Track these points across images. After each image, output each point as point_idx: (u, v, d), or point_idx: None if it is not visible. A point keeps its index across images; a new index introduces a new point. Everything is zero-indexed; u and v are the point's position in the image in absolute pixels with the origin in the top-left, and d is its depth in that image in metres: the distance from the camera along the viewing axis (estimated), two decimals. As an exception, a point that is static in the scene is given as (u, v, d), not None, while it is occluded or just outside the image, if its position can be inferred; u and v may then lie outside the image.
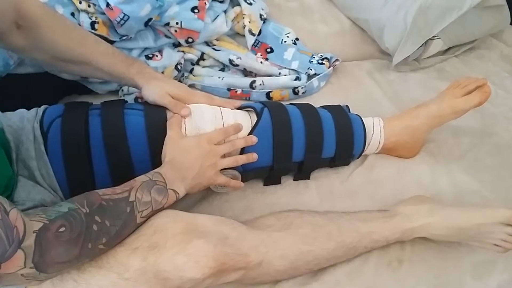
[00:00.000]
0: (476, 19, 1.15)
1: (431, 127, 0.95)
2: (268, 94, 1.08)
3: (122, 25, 0.95)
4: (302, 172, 0.91)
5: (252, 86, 1.07)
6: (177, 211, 0.66)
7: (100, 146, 0.74)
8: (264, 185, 0.91)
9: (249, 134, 0.80)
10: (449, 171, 0.97)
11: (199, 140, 0.74)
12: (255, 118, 0.83)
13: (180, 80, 1.08)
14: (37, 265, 0.49)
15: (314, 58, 1.14)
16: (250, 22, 1.13)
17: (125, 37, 1.00)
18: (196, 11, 1.03)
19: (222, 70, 1.13)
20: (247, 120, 0.82)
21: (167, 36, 1.06)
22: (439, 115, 0.93)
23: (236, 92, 1.07)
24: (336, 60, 1.14)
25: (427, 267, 0.82)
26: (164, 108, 0.79)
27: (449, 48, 1.23)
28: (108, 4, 0.94)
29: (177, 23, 1.02)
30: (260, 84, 1.07)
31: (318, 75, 1.10)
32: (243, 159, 0.78)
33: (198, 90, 1.06)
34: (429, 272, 0.82)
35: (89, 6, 0.96)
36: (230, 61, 1.09)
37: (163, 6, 0.99)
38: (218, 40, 1.13)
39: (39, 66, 0.93)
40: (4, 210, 0.47)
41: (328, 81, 1.15)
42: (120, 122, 0.75)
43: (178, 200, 0.69)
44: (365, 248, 0.79)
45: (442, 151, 1.01)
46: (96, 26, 0.96)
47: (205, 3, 1.04)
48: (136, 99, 1.00)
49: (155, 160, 0.74)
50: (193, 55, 1.09)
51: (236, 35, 1.18)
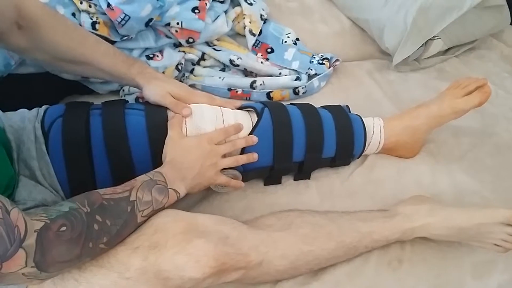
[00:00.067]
0: (476, 19, 1.15)
1: (431, 127, 0.95)
2: (268, 94, 1.08)
3: (123, 25, 0.95)
4: (303, 172, 0.91)
5: (252, 86, 1.08)
6: (177, 211, 0.66)
7: (101, 146, 0.74)
8: (265, 185, 0.92)
9: (249, 134, 0.80)
10: (449, 171, 0.97)
11: (199, 140, 0.74)
12: (255, 118, 0.83)
13: (181, 80, 1.08)
14: (38, 264, 0.49)
15: (315, 58, 1.14)
16: (250, 22, 1.13)
17: (126, 37, 1.00)
18: (196, 11, 1.03)
19: (223, 70, 1.13)
20: (247, 120, 0.83)
21: (167, 36, 1.06)
22: (439, 115, 0.93)
23: (237, 92, 1.07)
24: (337, 60, 1.14)
25: (427, 267, 0.82)
26: (165, 108, 0.79)
27: (449, 48, 1.23)
28: (109, 5, 0.94)
29: (177, 23, 1.02)
30: (261, 84, 1.08)
31: (319, 75, 1.10)
32: (243, 159, 0.78)
33: (199, 90, 1.06)
34: (429, 272, 0.82)
35: (90, 7, 0.96)
36: (231, 61, 1.09)
37: (164, 6, 0.99)
38: (218, 40, 1.13)
39: (40, 66, 0.93)
40: (5, 210, 0.47)
41: (329, 81, 1.15)
42: (121, 122, 0.75)
43: (178, 199, 0.69)
44: (365, 248, 0.79)
45: (442, 151, 1.01)
46: (97, 26, 0.96)
47: (205, 3, 1.04)
48: (137, 99, 1.00)
49: (156, 160, 0.74)
50: (193, 55, 1.09)
51: (236, 35, 1.18)
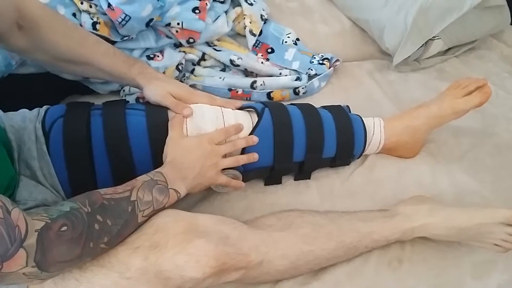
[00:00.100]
0: (477, 19, 1.15)
1: (432, 128, 0.95)
2: (269, 94, 1.08)
3: (123, 25, 0.95)
4: (303, 172, 0.91)
5: (253, 86, 1.08)
6: (178, 211, 0.66)
7: (102, 146, 0.74)
8: (265, 185, 0.92)
9: (250, 134, 0.80)
10: (449, 171, 0.97)
11: (200, 140, 0.74)
12: (256, 118, 0.83)
13: (181, 80, 1.08)
14: (39, 264, 0.49)
15: (315, 58, 1.14)
16: (251, 23, 1.13)
17: (126, 37, 1.00)
18: (197, 11, 1.03)
19: (223, 70, 1.13)
20: (248, 120, 0.83)
21: (168, 37, 1.06)
22: (439, 115, 0.93)
23: (237, 92, 1.07)
24: (337, 60, 1.14)
25: (427, 267, 0.82)
26: (166, 108, 0.79)
27: (449, 49, 1.23)
28: (109, 5, 0.95)
29: (178, 24, 1.02)
30: (261, 85, 1.08)
31: (319, 75, 1.10)
32: (244, 159, 0.78)
33: (199, 90, 1.07)
34: (429, 272, 0.82)
35: (90, 7, 0.96)
36: (231, 61, 1.09)
37: (164, 6, 0.99)
38: (219, 41, 1.13)
39: (40, 66, 0.93)
40: (6, 209, 0.47)
41: (329, 81, 1.15)
42: (122, 122, 0.76)
43: (179, 199, 0.70)
44: (365, 248, 0.79)
45: (442, 151, 1.01)
46: (97, 26, 0.96)
47: (206, 3, 1.05)
48: (137, 99, 1.00)
49: (157, 160, 0.74)
50: (194, 55, 1.09)
51: (237, 35, 1.18)
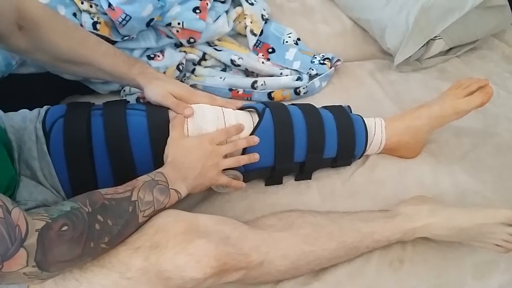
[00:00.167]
0: (478, 19, 1.14)
1: (433, 128, 0.95)
2: (269, 94, 1.08)
3: (124, 25, 0.95)
4: (304, 172, 0.91)
5: (253, 86, 1.07)
6: (178, 211, 0.66)
7: (102, 147, 0.74)
8: (266, 185, 0.92)
9: (250, 135, 0.80)
10: (450, 172, 0.97)
11: (201, 140, 0.74)
12: (256, 119, 0.83)
13: (182, 80, 1.08)
14: (39, 263, 0.49)
15: (316, 58, 1.14)
16: (251, 23, 1.13)
17: (127, 37, 1.00)
18: (197, 11, 1.03)
19: (224, 70, 1.13)
20: (248, 120, 0.83)
21: (168, 37, 1.06)
22: (441, 115, 0.93)
23: (238, 92, 1.07)
24: (338, 60, 1.14)
25: (428, 267, 0.82)
26: (166, 108, 0.79)
27: (450, 48, 1.23)
28: (110, 5, 0.95)
29: (178, 24, 1.02)
30: (262, 84, 1.07)
31: (320, 75, 1.10)
32: (245, 159, 0.78)
33: (200, 90, 1.06)
34: (430, 272, 0.82)
35: (91, 7, 0.96)
36: (232, 61, 1.09)
37: (165, 6, 0.99)
38: (219, 40, 1.13)
39: (41, 66, 0.93)
40: (6, 209, 0.47)
41: (330, 81, 1.15)
42: (122, 123, 0.75)
43: (180, 200, 0.70)
44: (366, 248, 0.79)
45: (443, 152, 1.01)
46: (98, 26, 0.96)
47: (206, 3, 1.04)
48: (138, 99, 1.00)
49: (157, 161, 0.74)
50: (194, 55, 1.09)
51: (237, 35, 1.18)
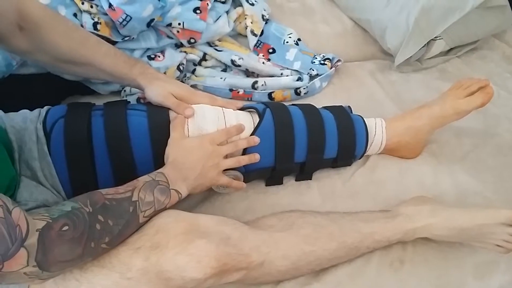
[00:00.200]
0: (479, 19, 1.14)
1: (433, 128, 0.95)
2: (270, 95, 1.08)
3: (124, 26, 0.95)
4: (304, 173, 0.91)
5: (254, 86, 1.08)
6: (179, 211, 0.66)
7: (103, 147, 0.74)
8: (266, 185, 0.91)
9: (251, 135, 0.80)
10: (451, 172, 0.96)
11: (201, 141, 0.74)
12: (257, 119, 0.83)
13: (182, 81, 1.08)
14: (40, 263, 0.49)
15: (316, 58, 1.14)
16: (252, 23, 1.13)
17: (127, 37, 1.00)
18: (198, 11, 1.03)
19: (224, 70, 1.13)
20: (249, 120, 0.83)
21: (169, 37, 1.06)
22: (441, 116, 0.92)
23: (238, 92, 1.07)
24: (338, 60, 1.14)
25: (428, 268, 0.82)
26: (167, 108, 0.79)
27: (451, 49, 1.23)
28: (110, 5, 0.95)
29: (179, 24, 1.02)
30: (262, 85, 1.07)
31: (320, 75, 1.10)
32: (245, 160, 0.78)
33: (200, 90, 1.06)
34: (430, 272, 0.82)
35: (91, 7, 0.96)
36: (232, 61, 1.09)
37: (165, 6, 0.99)
38: (220, 41, 1.13)
39: (41, 67, 0.93)
40: (7, 209, 0.47)
41: (330, 81, 1.15)
42: (123, 123, 0.76)
43: (180, 200, 0.70)
44: (367, 249, 0.79)
45: (444, 152, 1.01)
46: (98, 27, 0.96)
47: (207, 3, 1.05)
48: (138, 100, 1.00)
49: (158, 161, 0.74)
50: (195, 55, 1.09)
51: (238, 35, 1.18)
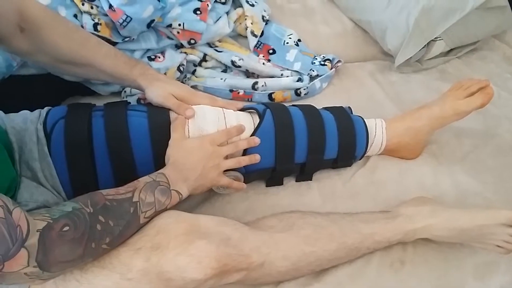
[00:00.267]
0: (479, 20, 1.14)
1: (433, 129, 0.95)
2: (270, 95, 1.08)
3: (124, 26, 0.95)
4: (304, 174, 0.91)
5: (254, 87, 1.08)
6: (179, 212, 0.66)
7: (103, 148, 0.74)
8: (266, 186, 0.91)
9: (251, 136, 0.80)
10: (451, 173, 0.96)
11: (202, 142, 0.74)
12: (257, 120, 0.83)
13: (182, 82, 1.08)
14: (40, 264, 0.49)
15: (316, 59, 1.14)
16: (252, 24, 1.13)
17: (127, 38, 1.00)
18: (198, 12, 1.03)
19: (224, 71, 1.13)
20: (249, 121, 0.83)
21: (169, 38, 1.06)
22: (441, 116, 0.92)
23: (238, 93, 1.07)
24: (338, 61, 1.14)
25: (429, 268, 0.82)
26: (167, 109, 0.79)
27: (451, 49, 1.23)
28: (110, 6, 0.95)
29: (179, 25, 1.02)
30: (262, 85, 1.08)
31: (320, 76, 1.10)
32: (245, 160, 0.78)
33: (201, 91, 1.06)
34: (431, 273, 0.82)
35: (91, 8, 0.96)
36: (232, 62, 1.09)
37: (166, 7, 0.99)
38: (220, 42, 1.13)
39: (41, 68, 0.93)
40: (7, 209, 0.47)
41: (330, 82, 1.15)
42: (123, 124, 0.76)
43: (181, 201, 0.70)
44: (367, 249, 0.79)
45: (444, 153, 1.01)
46: (98, 27, 0.96)
47: (207, 4, 1.05)
48: (138, 101, 1.00)
49: (158, 162, 0.74)
50: (195, 56, 1.09)
51: (238, 36, 1.18)
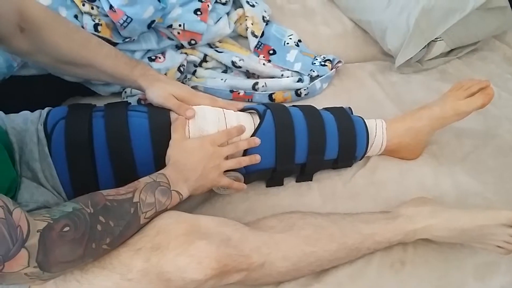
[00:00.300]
0: (479, 20, 1.14)
1: (434, 129, 0.95)
2: (270, 96, 1.08)
3: (125, 27, 0.95)
4: (305, 174, 0.91)
5: (254, 87, 1.08)
6: (180, 212, 0.66)
7: (104, 148, 0.74)
8: (267, 186, 0.91)
9: (252, 136, 0.80)
10: (451, 173, 0.96)
11: (202, 142, 0.74)
12: (257, 120, 0.83)
13: (183, 82, 1.08)
14: (41, 264, 0.49)
15: (317, 59, 1.14)
16: (252, 24, 1.13)
17: (128, 39, 1.00)
18: (199, 13, 1.03)
19: (225, 72, 1.13)
20: (249, 122, 0.83)
21: (170, 38, 1.07)
22: (441, 117, 0.92)
23: (239, 93, 1.07)
24: (339, 61, 1.14)
25: (429, 269, 0.82)
26: (168, 110, 0.79)
27: (451, 50, 1.23)
28: (111, 6, 0.95)
29: (180, 25, 1.02)
30: (263, 86, 1.08)
31: (321, 76, 1.10)
32: (246, 161, 0.78)
33: (201, 92, 1.07)
34: (431, 273, 0.81)
35: (92, 8, 0.96)
36: (233, 63, 1.09)
37: (166, 8, 0.99)
38: (220, 42, 1.13)
39: (42, 68, 0.93)
40: (8, 210, 0.47)
41: (331, 82, 1.15)
42: (124, 124, 0.76)
43: (181, 201, 0.70)
44: (367, 250, 0.79)
45: (444, 153, 1.01)
46: (99, 28, 0.96)
47: (208, 5, 1.05)
48: (139, 101, 1.00)
49: (159, 162, 0.74)
50: (195, 57, 1.09)
51: (238, 37, 1.18)
